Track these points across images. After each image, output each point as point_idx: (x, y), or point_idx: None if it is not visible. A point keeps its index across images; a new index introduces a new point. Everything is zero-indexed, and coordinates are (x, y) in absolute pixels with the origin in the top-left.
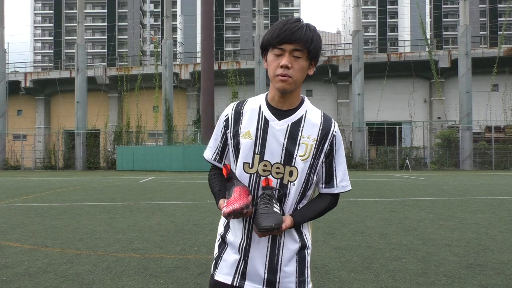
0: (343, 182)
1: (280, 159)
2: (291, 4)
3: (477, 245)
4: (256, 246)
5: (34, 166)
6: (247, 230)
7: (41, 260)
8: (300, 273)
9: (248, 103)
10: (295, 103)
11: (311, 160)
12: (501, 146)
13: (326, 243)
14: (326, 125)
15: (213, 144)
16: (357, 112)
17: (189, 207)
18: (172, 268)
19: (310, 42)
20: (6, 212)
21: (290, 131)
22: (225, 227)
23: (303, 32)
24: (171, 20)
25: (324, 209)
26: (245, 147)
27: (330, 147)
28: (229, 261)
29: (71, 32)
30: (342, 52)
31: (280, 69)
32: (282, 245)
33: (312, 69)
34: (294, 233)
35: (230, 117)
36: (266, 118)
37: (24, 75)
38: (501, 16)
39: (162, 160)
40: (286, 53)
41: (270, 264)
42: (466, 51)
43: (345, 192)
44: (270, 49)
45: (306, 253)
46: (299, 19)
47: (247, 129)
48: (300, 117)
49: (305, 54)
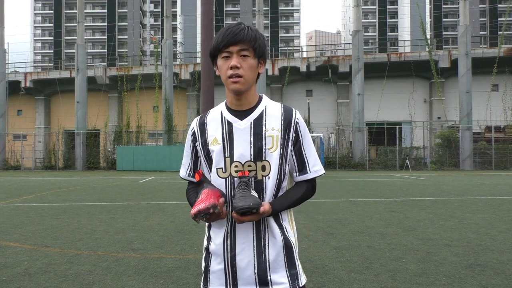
0: (315, 166)
1: (250, 157)
2: (291, 4)
3: (477, 245)
4: (241, 250)
5: (34, 166)
6: (229, 235)
7: (41, 260)
8: (290, 267)
9: (210, 113)
10: (253, 101)
11: (280, 150)
12: (501, 146)
13: (326, 243)
14: (287, 114)
15: (185, 161)
16: (357, 112)
17: (189, 207)
18: (172, 268)
19: (254, 41)
20: (6, 212)
21: (254, 127)
22: (207, 238)
23: (246, 32)
24: (171, 20)
25: (302, 195)
26: (215, 154)
27: (295, 134)
28: (217, 271)
29: (71, 32)
30: (342, 52)
31: (230, 70)
32: (268, 242)
33: (262, 67)
34: (276, 229)
35: (196, 130)
36: (229, 121)
37: (24, 75)
38: (501, 16)
39: (162, 160)
40: (233, 54)
41: (258, 264)
42: (466, 51)
43: (319, 176)
44: (219, 55)
45: (293, 245)
46: (241, 22)
47: (214, 136)
48: (261, 113)
49: (251, 53)
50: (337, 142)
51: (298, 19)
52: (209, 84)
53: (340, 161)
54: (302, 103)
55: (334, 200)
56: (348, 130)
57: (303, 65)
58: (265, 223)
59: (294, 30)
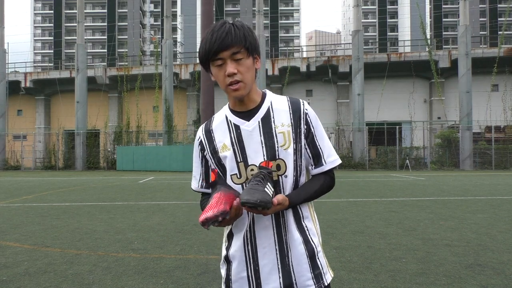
0: (331, 157)
1: (264, 157)
2: (291, 4)
3: (477, 245)
4: (263, 255)
5: (34, 166)
6: (249, 240)
7: (41, 260)
8: (314, 267)
9: (215, 119)
10: (257, 99)
11: (294, 145)
12: (501, 146)
13: (326, 243)
14: (295, 107)
15: (196, 172)
16: (357, 112)
17: (189, 207)
18: (172, 268)
19: (245, 40)
20: (6, 212)
21: (263, 126)
22: (227, 248)
23: (233, 33)
24: (171, 20)
25: (320, 186)
26: (227, 160)
27: (307, 126)
28: (240, 280)
29: (71, 32)
30: (342, 52)
31: (228, 78)
32: (289, 244)
33: (258, 62)
34: (296, 230)
35: (202, 138)
36: (236, 124)
37: (24, 75)
38: (501, 16)
39: (162, 160)
40: (227, 60)
41: (283, 268)
42: (466, 51)
43: (335, 167)
44: (211, 63)
45: (314, 245)
46: (224, 22)
47: (223, 142)
48: (267, 110)
49: (245, 53)
50: (337, 142)
51: (298, 19)
52: (209, 84)
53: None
54: None
55: (334, 200)
56: (348, 130)
57: (303, 65)
58: (285, 223)
59: (294, 30)
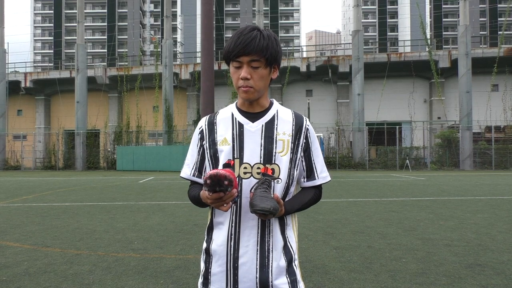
0: (323, 173)
1: (260, 159)
2: (291, 4)
3: (477, 245)
4: (244, 252)
5: (34, 166)
6: (233, 236)
7: (41, 260)
8: (290, 273)
9: (220, 113)
10: (265, 105)
11: (290, 155)
12: (501, 146)
13: (326, 243)
14: (298, 120)
15: (190, 160)
16: (357, 112)
17: (189, 207)
18: (172, 268)
19: (266, 51)
20: (6, 212)
21: (266, 130)
22: (207, 240)
23: (257, 42)
24: (171, 20)
25: (310, 199)
26: (224, 154)
27: (306, 141)
28: (218, 273)
29: (71, 32)
30: (342, 52)
31: (241, 81)
32: (271, 247)
33: (275, 73)
34: (280, 234)
35: (204, 128)
36: (240, 123)
37: (24, 75)
38: (501, 16)
39: (162, 160)
40: (244, 65)
41: (261, 268)
42: (466, 51)
43: (326, 183)
44: (231, 62)
45: (292, 252)
46: (255, 27)
47: (224, 137)
48: (272, 116)
49: (262, 63)
50: (337, 142)
51: (298, 19)
52: (209, 84)
53: (340, 161)
54: (302, 103)
55: (334, 200)
56: (348, 130)
57: (303, 65)
58: (270, 227)
59: (294, 30)
